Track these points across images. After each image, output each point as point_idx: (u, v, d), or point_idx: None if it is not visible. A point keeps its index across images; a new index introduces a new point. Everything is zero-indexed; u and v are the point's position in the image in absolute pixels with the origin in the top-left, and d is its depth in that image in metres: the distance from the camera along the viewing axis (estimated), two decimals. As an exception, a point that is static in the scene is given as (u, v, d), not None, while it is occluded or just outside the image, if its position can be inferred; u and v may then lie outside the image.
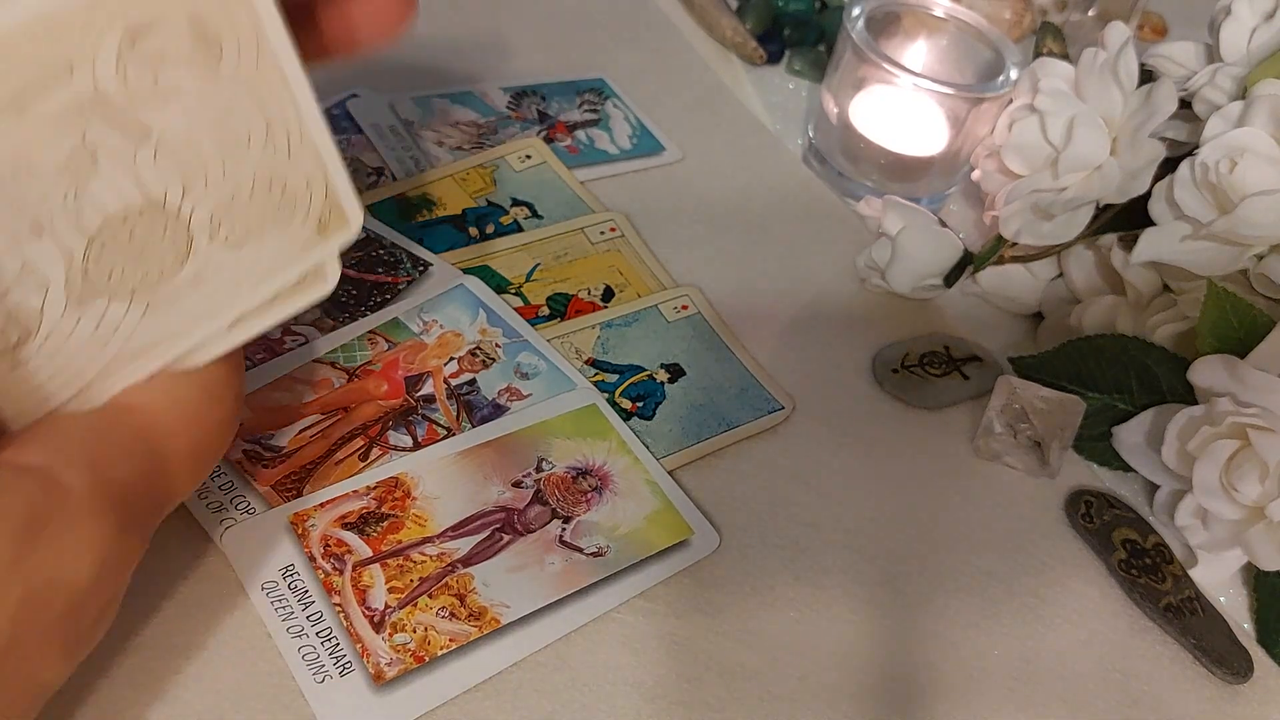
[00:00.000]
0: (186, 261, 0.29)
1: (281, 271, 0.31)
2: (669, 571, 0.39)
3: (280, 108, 0.29)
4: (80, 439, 0.28)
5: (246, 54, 0.28)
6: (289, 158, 0.30)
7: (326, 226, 0.31)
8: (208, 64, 0.27)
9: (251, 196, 0.29)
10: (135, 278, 0.28)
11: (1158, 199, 0.45)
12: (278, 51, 0.28)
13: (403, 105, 0.54)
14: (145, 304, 0.29)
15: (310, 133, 0.30)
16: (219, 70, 0.28)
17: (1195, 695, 0.40)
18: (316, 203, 0.31)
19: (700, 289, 0.49)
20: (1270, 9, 0.46)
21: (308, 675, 0.34)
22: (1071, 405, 0.44)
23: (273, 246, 0.30)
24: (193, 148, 0.28)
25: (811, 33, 0.65)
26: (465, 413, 0.42)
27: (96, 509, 0.26)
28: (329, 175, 0.31)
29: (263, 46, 0.28)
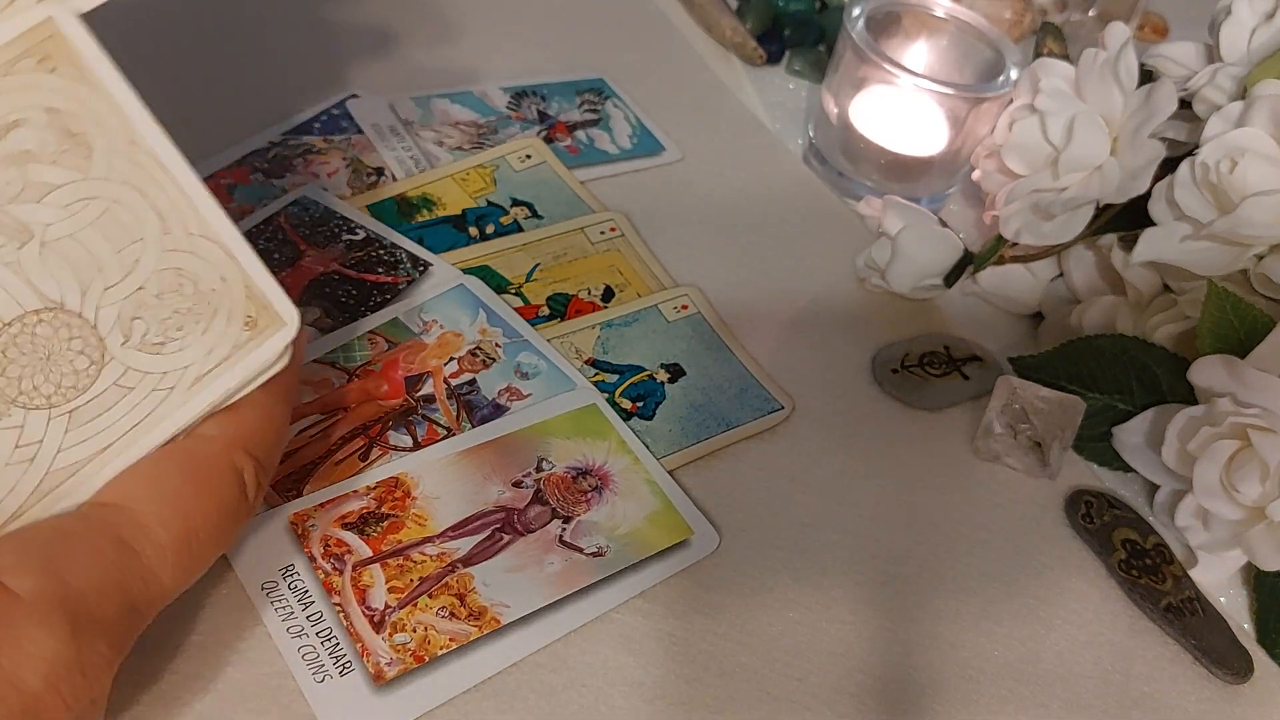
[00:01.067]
0: (104, 368, 0.28)
1: (216, 378, 0.30)
2: (668, 571, 0.39)
3: (170, 202, 0.29)
4: (40, 542, 0.27)
5: (119, 149, 0.28)
6: (193, 253, 0.29)
7: (256, 325, 0.30)
8: (78, 161, 0.27)
9: (160, 295, 0.29)
10: (49, 387, 0.28)
11: (1158, 199, 0.45)
12: (154, 147, 0.28)
13: (403, 105, 0.54)
14: (68, 414, 0.28)
15: (212, 227, 0.30)
16: (91, 166, 0.28)
17: (1195, 695, 0.40)
18: (238, 299, 0.30)
19: (700, 289, 0.49)
20: (1270, 9, 0.46)
21: (308, 675, 0.34)
22: (1071, 405, 0.44)
23: (199, 350, 0.30)
24: (82, 246, 0.28)
25: (811, 33, 0.65)
26: (465, 413, 0.42)
27: (44, 616, 0.25)
28: (245, 271, 0.30)
29: (136, 142, 0.28)
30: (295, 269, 0.45)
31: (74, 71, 0.27)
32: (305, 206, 0.47)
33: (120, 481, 0.29)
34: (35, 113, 0.27)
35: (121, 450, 0.29)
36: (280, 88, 0.53)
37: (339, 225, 0.47)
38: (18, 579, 0.25)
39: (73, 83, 0.27)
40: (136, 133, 0.28)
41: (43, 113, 0.27)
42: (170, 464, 0.29)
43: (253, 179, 0.48)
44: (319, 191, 0.48)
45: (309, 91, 0.53)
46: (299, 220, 0.47)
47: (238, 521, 0.30)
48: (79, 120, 0.27)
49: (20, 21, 0.26)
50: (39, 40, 0.27)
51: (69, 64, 0.27)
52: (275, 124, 0.51)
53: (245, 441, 0.30)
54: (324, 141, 0.51)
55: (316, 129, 0.52)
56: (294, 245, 0.46)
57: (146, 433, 0.29)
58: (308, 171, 0.49)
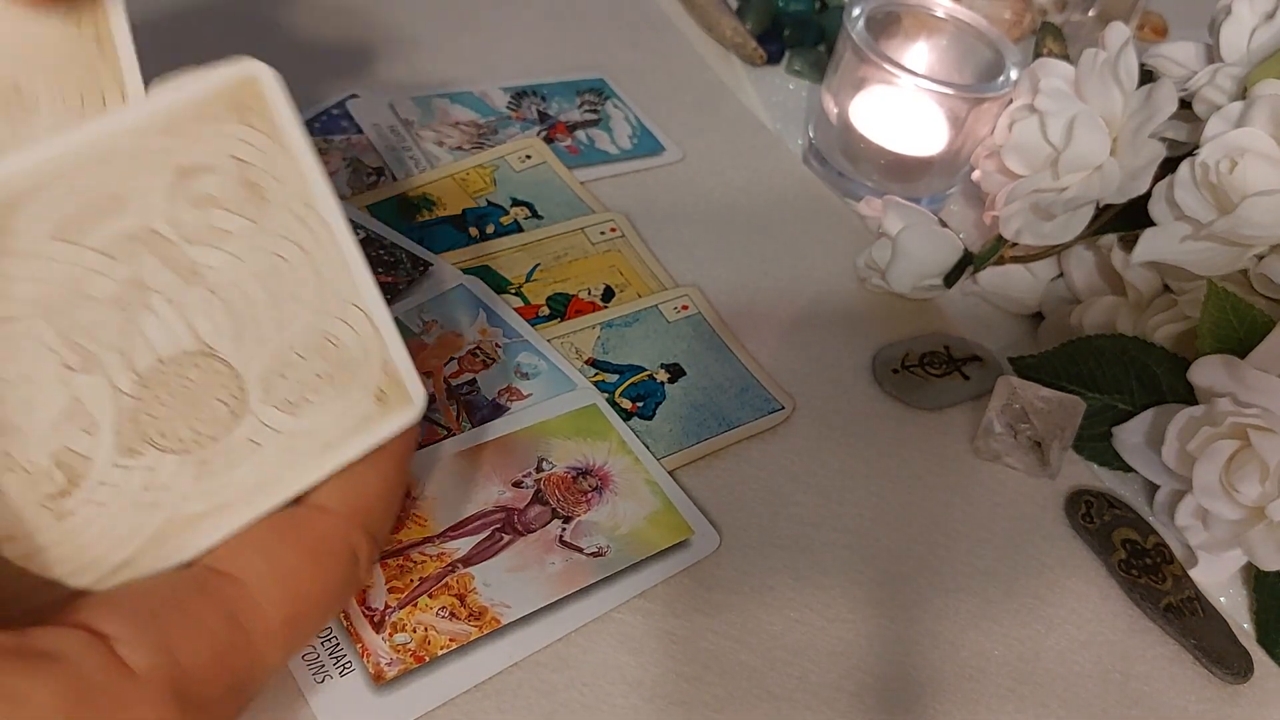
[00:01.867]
0: (240, 420, 0.28)
1: (339, 447, 0.30)
2: (669, 571, 0.39)
3: (332, 267, 0.29)
4: (155, 610, 0.25)
5: (294, 209, 0.28)
6: (344, 320, 0.29)
7: (386, 400, 0.30)
8: (256, 212, 0.28)
9: (305, 356, 0.29)
10: (187, 431, 0.27)
11: (1158, 199, 0.45)
12: (325, 212, 0.29)
13: (403, 105, 0.54)
14: (199, 463, 0.27)
15: (364, 296, 0.30)
16: (265, 219, 0.28)
17: (1195, 695, 0.40)
18: (374, 372, 0.30)
19: (700, 289, 0.49)
20: (1270, 9, 0.46)
21: (308, 675, 0.34)
22: (1071, 405, 0.44)
23: (330, 416, 0.29)
24: (244, 295, 0.28)
25: (811, 33, 0.65)
26: (465, 413, 0.42)
27: (157, 697, 0.24)
28: (386, 345, 0.30)
29: (311, 205, 0.29)
30: (295, 269, 0.45)
31: (267, 127, 0.28)
32: (305, 206, 0.47)
33: (235, 550, 0.28)
34: (224, 160, 0.27)
35: (241, 508, 0.28)
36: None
37: (339, 225, 0.47)
38: (132, 650, 0.24)
39: (263, 137, 0.28)
40: (313, 195, 0.29)
41: (231, 161, 0.27)
42: (287, 537, 0.28)
43: (253, 179, 0.48)
44: (319, 191, 0.48)
45: (309, 91, 0.53)
46: (299, 220, 0.47)
47: (347, 598, 0.29)
48: (262, 174, 0.28)
49: (227, 74, 0.27)
50: (241, 94, 0.27)
51: (263, 120, 0.28)
52: (275, 124, 0.51)
53: (363, 518, 0.29)
54: (324, 141, 0.51)
55: (316, 129, 0.52)
56: (294, 245, 0.46)
57: (268, 493, 0.29)
58: (308, 171, 0.49)
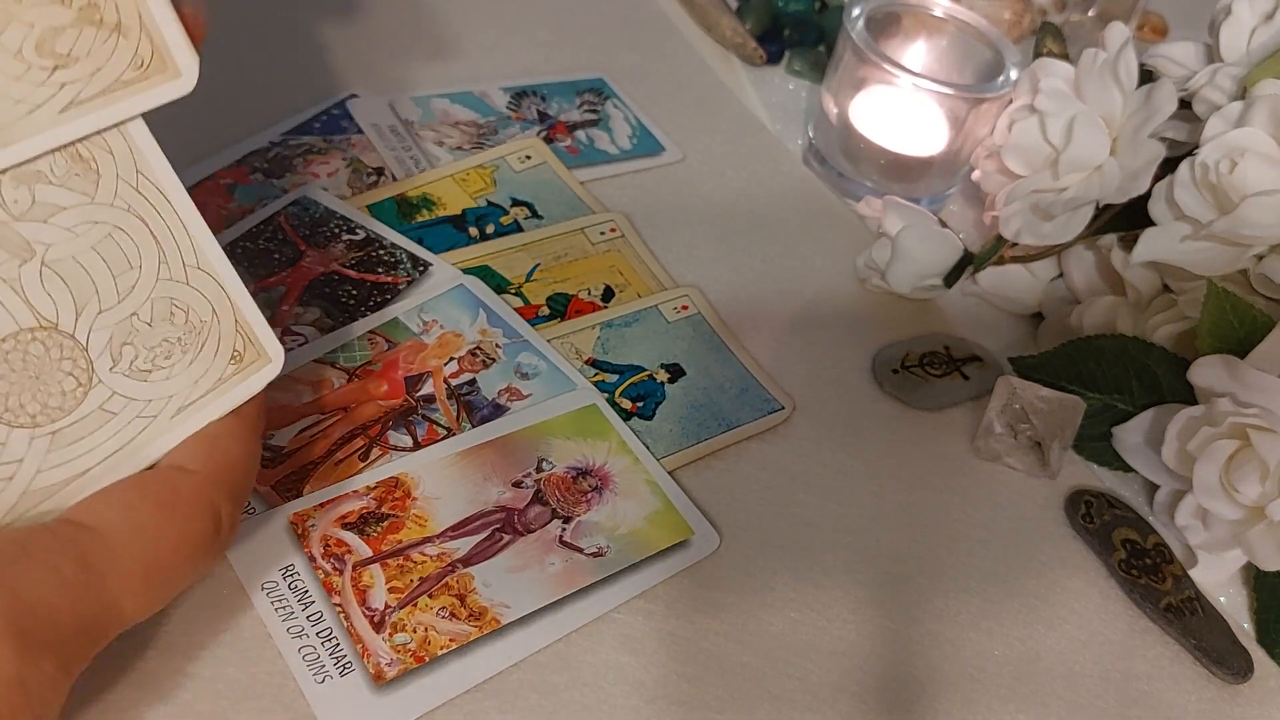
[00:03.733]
0: (90, 389, 0.28)
1: (197, 408, 0.30)
2: (669, 571, 0.39)
3: (170, 233, 0.29)
4: (1, 554, 0.26)
5: (125, 177, 0.28)
6: (187, 284, 0.30)
7: (242, 359, 0.31)
8: (86, 186, 0.28)
9: (152, 323, 0.29)
10: (35, 405, 0.28)
11: (1158, 199, 0.45)
12: (160, 179, 0.29)
13: (403, 105, 0.54)
14: (50, 435, 0.28)
15: (209, 260, 0.30)
16: (98, 191, 0.28)
17: (1195, 695, 0.40)
18: (226, 333, 0.30)
19: (700, 289, 0.49)
20: (1270, 9, 0.46)
21: (308, 675, 0.34)
22: (1071, 405, 0.44)
23: (184, 380, 0.30)
24: (81, 268, 0.28)
25: (811, 33, 0.65)
26: (465, 413, 0.42)
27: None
28: (235, 305, 0.31)
29: (143, 172, 0.29)
30: (295, 269, 0.45)
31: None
32: (305, 206, 0.47)
33: (93, 503, 0.28)
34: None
35: (100, 476, 0.29)
36: (280, 88, 0.53)
37: (339, 225, 0.47)
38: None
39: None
40: (145, 163, 0.29)
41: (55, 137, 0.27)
42: (146, 493, 0.29)
43: (253, 179, 0.48)
44: (319, 191, 0.48)
45: (309, 91, 0.53)
46: (299, 220, 0.47)
47: (209, 557, 0.30)
48: (90, 146, 0.28)
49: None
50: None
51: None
52: (275, 124, 0.51)
53: (223, 478, 0.30)
54: (324, 141, 0.51)
55: (316, 129, 0.52)
56: (294, 245, 0.46)
57: (127, 459, 0.29)
58: (308, 171, 0.49)
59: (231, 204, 0.47)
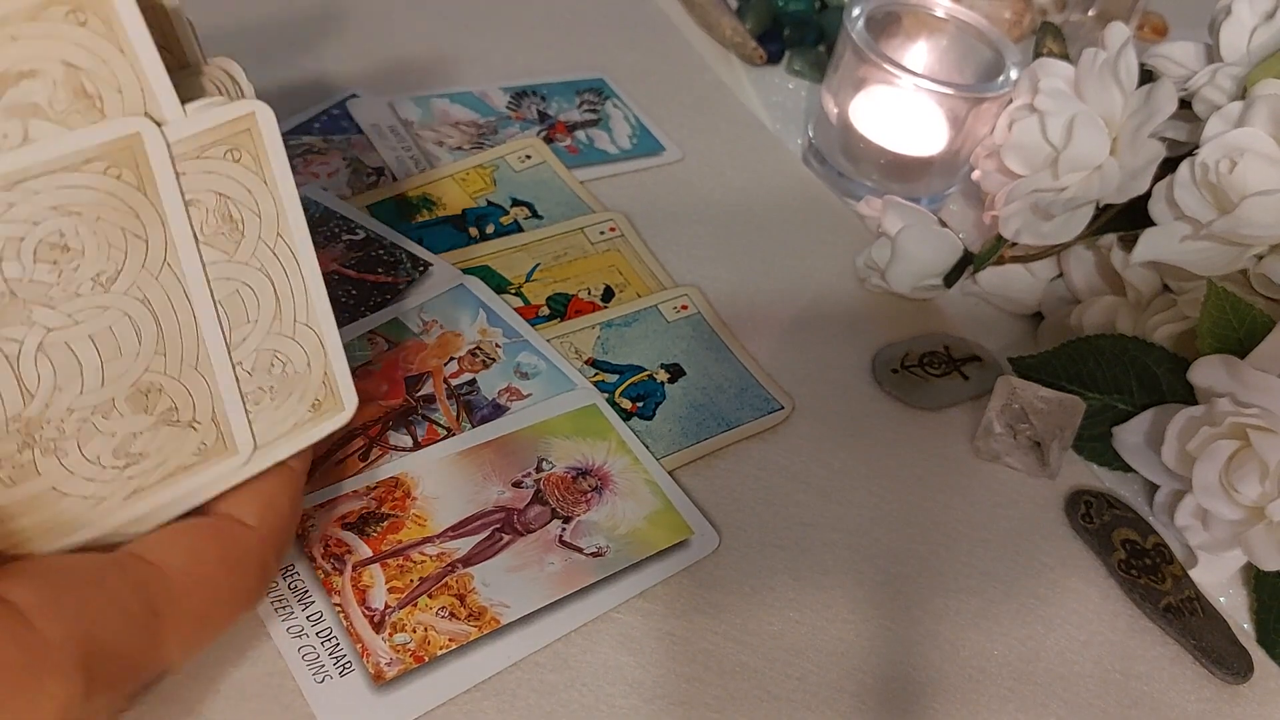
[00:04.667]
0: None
1: (276, 447, 0.31)
2: (669, 571, 0.39)
3: (290, 289, 0.31)
4: (73, 583, 0.26)
5: (266, 239, 0.30)
6: (293, 339, 0.31)
7: (321, 407, 0.32)
8: (227, 244, 0.29)
9: (252, 372, 0.30)
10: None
11: (1158, 199, 0.45)
12: (295, 238, 0.30)
13: (403, 105, 0.54)
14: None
15: (317, 315, 0.31)
16: (238, 251, 0.29)
17: (1195, 695, 0.40)
18: (315, 383, 0.32)
19: (700, 289, 0.49)
20: (1270, 9, 0.46)
21: (308, 675, 0.34)
22: (1071, 405, 0.44)
23: (267, 422, 0.31)
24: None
25: (811, 33, 0.65)
26: (465, 413, 0.42)
27: (67, 665, 0.24)
28: (328, 359, 0.32)
29: (283, 235, 0.30)
30: (295, 269, 0.45)
31: (253, 163, 0.29)
32: (305, 206, 0.47)
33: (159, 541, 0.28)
34: (209, 196, 0.28)
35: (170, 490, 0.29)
36: (280, 88, 0.53)
37: (339, 225, 0.47)
38: (45, 619, 0.24)
39: (249, 173, 0.29)
40: (285, 225, 0.30)
41: (214, 196, 0.28)
42: (210, 541, 0.29)
43: (253, 179, 0.48)
44: (319, 191, 0.48)
45: (309, 91, 0.53)
46: (299, 220, 0.47)
47: (249, 609, 0.30)
48: (239, 207, 0.29)
49: (227, 111, 0.28)
50: (235, 131, 0.28)
51: (251, 156, 0.29)
52: (275, 124, 0.51)
53: (274, 536, 0.31)
54: (324, 141, 0.51)
55: (316, 129, 0.52)
56: (294, 245, 0.46)
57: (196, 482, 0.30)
58: (308, 171, 0.49)
59: (231, 204, 0.47)
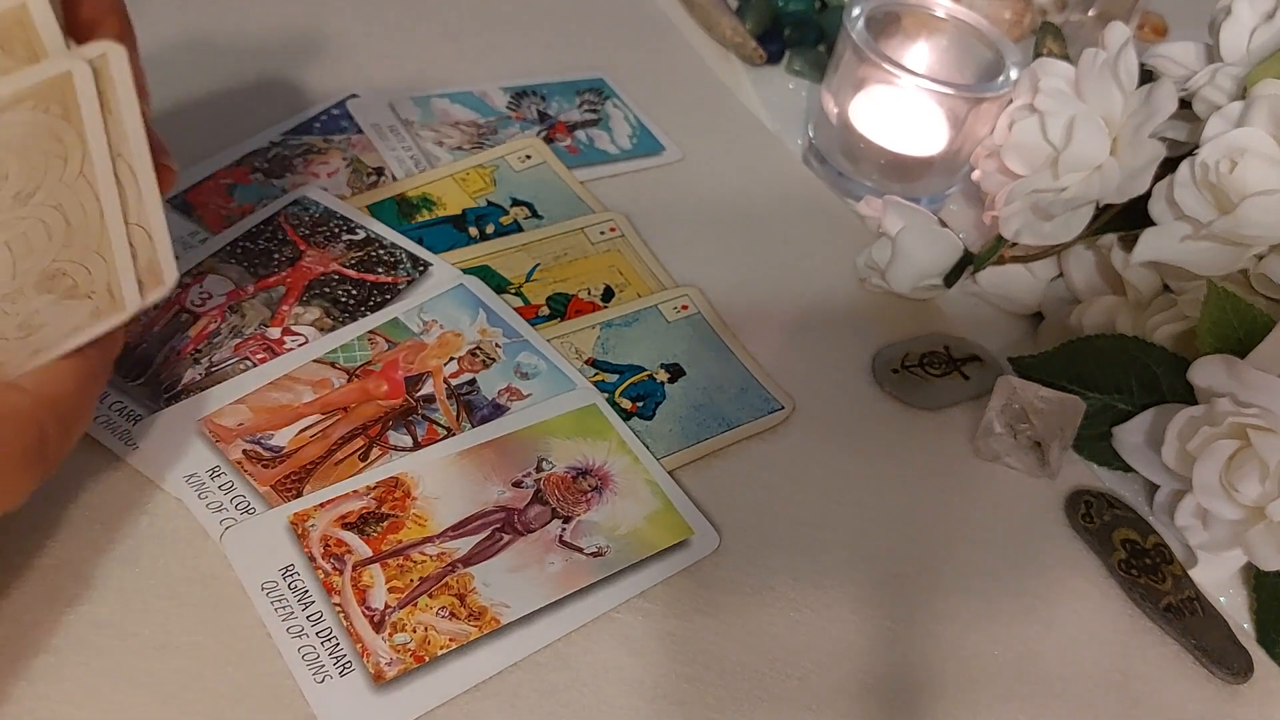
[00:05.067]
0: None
1: (49, 349, 0.31)
2: (669, 571, 0.39)
3: (85, 218, 0.30)
4: None
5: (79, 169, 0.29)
6: (82, 264, 0.30)
7: (99, 311, 0.32)
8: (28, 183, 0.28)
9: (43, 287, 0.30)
10: None
11: (1158, 199, 0.45)
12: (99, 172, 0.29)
13: (403, 105, 0.54)
14: None
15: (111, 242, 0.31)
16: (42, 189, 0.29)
17: (1195, 695, 0.40)
18: (100, 293, 0.31)
19: (700, 289, 0.49)
20: (1270, 9, 0.46)
21: (308, 675, 0.34)
22: (1071, 405, 0.44)
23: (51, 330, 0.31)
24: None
25: (811, 33, 0.65)
26: (465, 413, 0.42)
27: None
28: (116, 270, 0.31)
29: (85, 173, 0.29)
30: (295, 269, 0.45)
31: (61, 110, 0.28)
32: (305, 206, 0.47)
33: None
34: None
35: (65, 345, 0.30)
36: (280, 88, 0.53)
37: (339, 225, 0.47)
38: None
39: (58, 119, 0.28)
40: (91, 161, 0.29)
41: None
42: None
43: (253, 179, 0.48)
44: (319, 191, 0.48)
45: (309, 91, 0.53)
46: (299, 220, 0.47)
47: (29, 475, 0.30)
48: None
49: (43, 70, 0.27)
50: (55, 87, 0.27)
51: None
52: (275, 124, 0.51)
53: (54, 401, 0.30)
54: (324, 141, 0.51)
55: (316, 129, 0.52)
56: (294, 245, 0.46)
57: (85, 337, 0.31)
58: (308, 171, 0.49)
59: (231, 204, 0.47)
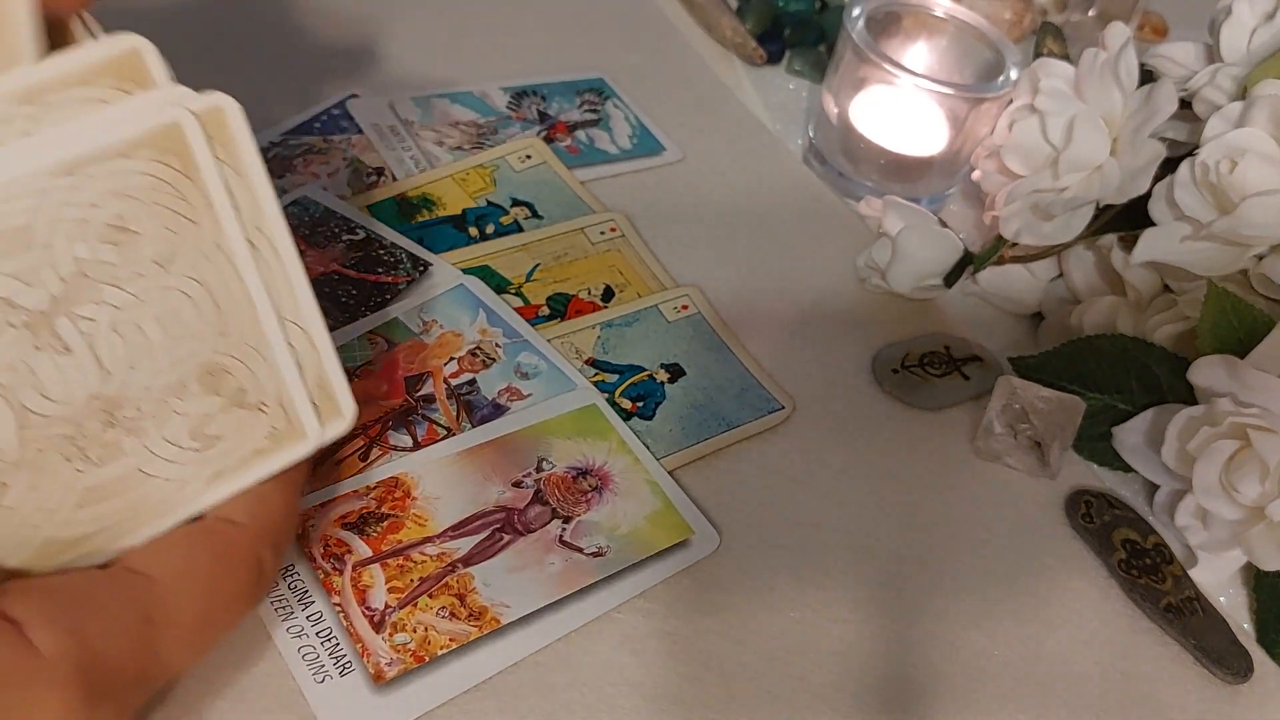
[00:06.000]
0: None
1: (248, 469, 0.31)
2: (669, 571, 0.39)
3: (276, 290, 0.31)
4: (68, 599, 0.26)
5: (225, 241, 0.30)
6: (285, 339, 0.31)
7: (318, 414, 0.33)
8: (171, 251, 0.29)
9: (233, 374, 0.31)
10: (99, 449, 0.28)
11: (1158, 199, 0.45)
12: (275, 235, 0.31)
13: (403, 105, 0.54)
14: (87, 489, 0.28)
15: (303, 315, 0.32)
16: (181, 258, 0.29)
17: (1195, 695, 0.40)
18: (310, 387, 0.32)
19: (700, 289, 0.49)
20: (1270, 9, 0.46)
21: (308, 675, 0.34)
22: (1071, 405, 0.44)
23: (245, 437, 0.31)
24: (140, 333, 0.29)
25: (811, 33, 0.65)
26: (465, 413, 0.42)
27: (63, 678, 0.25)
28: (322, 361, 0.32)
29: (260, 226, 0.31)
30: (295, 269, 0.45)
31: (187, 165, 0.29)
32: (305, 206, 0.47)
33: (151, 552, 0.29)
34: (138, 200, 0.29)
35: (249, 475, 0.30)
36: (280, 88, 0.53)
37: (339, 225, 0.47)
38: (42, 634, 0.25)
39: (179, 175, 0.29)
40: (263, 217, 0.30)
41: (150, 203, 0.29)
42: (200, 544, 0.29)
43: (253, 179, 0.48)
44: (319, 191, 0.48)
45: (309, 91, 0.53)
46: (299, 220, 0.47)
47: (250, 607, 0.31)
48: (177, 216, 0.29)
49: (157, 120, 0.29)
50: (169, 135, 0.29)
51: (186, 159, 0.30)
52: (275, 124, 0.51)
53: (269, 533, 0.31)
54: (324, 141, 0.51)
55: (316, 129, 0.52)
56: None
57: (271, 467, 0.31)
58: (308, 171, 0.49)
59: (231, 204, 0.47)
